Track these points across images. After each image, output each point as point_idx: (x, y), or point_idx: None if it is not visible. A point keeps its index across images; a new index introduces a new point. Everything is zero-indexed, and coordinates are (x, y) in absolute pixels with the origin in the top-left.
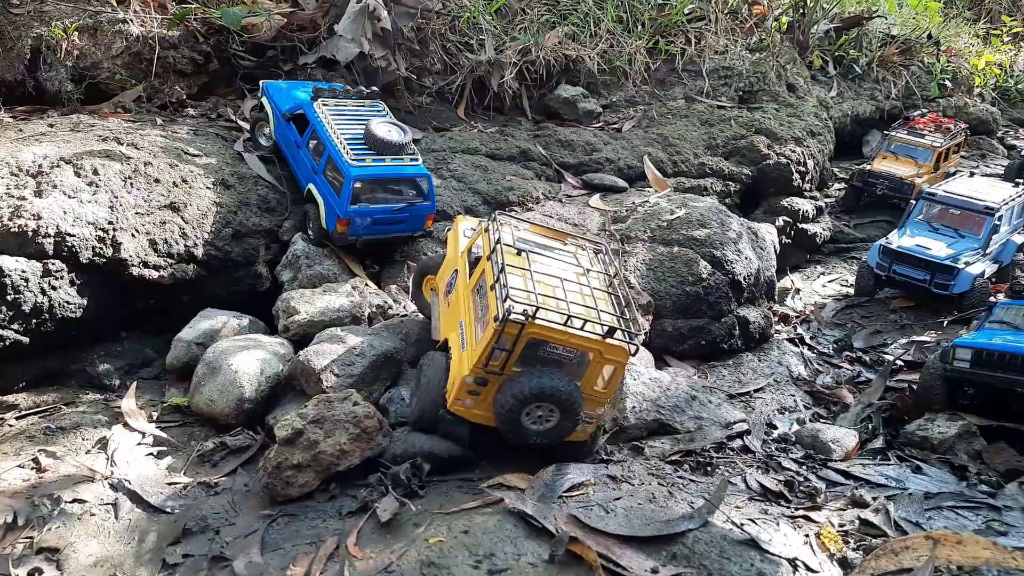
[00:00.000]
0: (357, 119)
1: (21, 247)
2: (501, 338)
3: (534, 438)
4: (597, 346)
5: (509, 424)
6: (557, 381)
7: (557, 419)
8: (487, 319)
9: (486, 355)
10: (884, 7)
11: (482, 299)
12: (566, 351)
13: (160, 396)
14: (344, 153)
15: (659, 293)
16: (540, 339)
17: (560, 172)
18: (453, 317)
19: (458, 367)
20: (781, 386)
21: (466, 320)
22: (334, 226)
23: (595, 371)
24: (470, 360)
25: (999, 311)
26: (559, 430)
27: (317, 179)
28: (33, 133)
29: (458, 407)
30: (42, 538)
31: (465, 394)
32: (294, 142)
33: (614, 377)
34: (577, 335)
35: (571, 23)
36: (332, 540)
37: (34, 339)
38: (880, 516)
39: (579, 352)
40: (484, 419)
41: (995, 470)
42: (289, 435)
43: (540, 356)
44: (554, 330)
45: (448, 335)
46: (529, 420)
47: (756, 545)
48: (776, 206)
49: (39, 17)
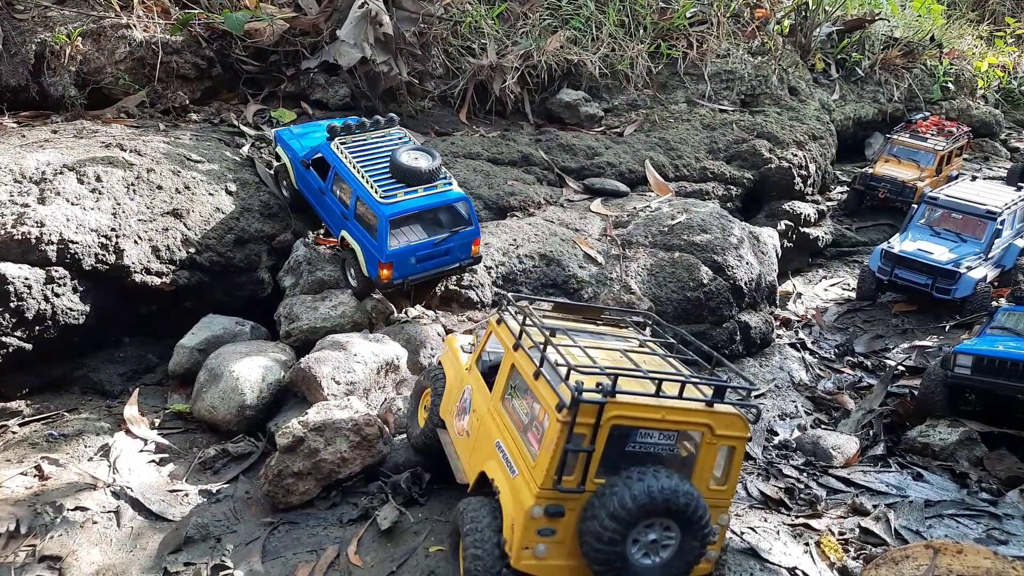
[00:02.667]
0: (379, 152)
1: (24, 254)
2: (573, 433)
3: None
4: (705, 419)
5: (611, 563)
6: (670, 480)
7: (678, 541)
8: (540, 419)
9: (556, 464)
10: (887, 9)
11: (524, 400)
12: (663, 437)
13: (162, 402)
14: (373, 192)
15: (660, 298)
16: (627, 424)
17: (561, 176)
18: (483, 444)
19: (515, 499)
20: (782, 391)
21: (506, 438)
22: (376, 272)
23: (707, 459)
24: (534, 480)
25: (1000, 317)
26: (685, 556)
27: (349, 225)
28: (36, 139)
29: (528, 559)
30: (44, 546)
31: (535, 536)
32: (318, 189)
33: (734, 464)
34: (677, 407)
35: (573, 27)
36: (333, 548)
37: (37, 346)
38: (880, 524)
39: (680, 434)
40: (570, 571)
41: (996, 477)
42: (290, 443)
43: (630, 453)
44: (645, 406)
45: (483, 467)
46: (640, 552)
47: (756, 554)
48: (778, 210)
49: (43, 23)
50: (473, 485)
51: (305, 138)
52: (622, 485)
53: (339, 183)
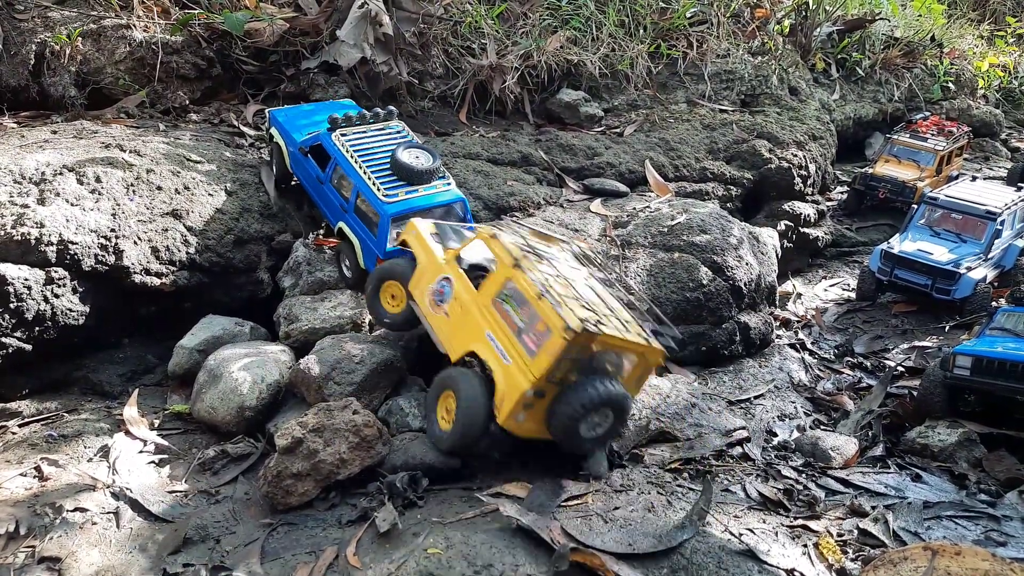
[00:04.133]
0: (380, 147)
1: (24, 255)
2: (570, 351)
3: (588, 445)
4: (643, 349)
5: (569, 434)
6: (618, 387)
7: (610, 424)
8: (538, 330)
9: (554, 366)
10: (887, 9)
11: (518, 309)
12: (615, 356)
13: (162, 403)
14: (375, 189)
15: (659, 299)
16: (604, 349)
17: (561, 177)
18: (467, 329)
19: (510, 380)
20: (781, 392)
21: (497, 332)
22: (373, 265)
23: (634, 372)
24: (532, 372)
25: (1000, 318)
26: (608, 434)
27: (348, 218)
28: (36, 140)
29: (511, 423)
30: (44, 547)
31: (521, 408)
32: (316, 177)
33: (644, 377)
34: (632, 341)
35: (573, 27)
36: (331, 550)
37: (37, 347)
38: (879, 526)
39: (622, 355)
40: (535, 432)
41: (995, 478)
42: (289, 444)
43: (592, 363)
44: (616, 339)
45: (472, 347)
46: (586, 428)
47: (754, 556)
48: (778, 210)
49: (43, 23)
50: (456, 359)
51: (300, 120)
52: (591, 386)
53: (339, 176)
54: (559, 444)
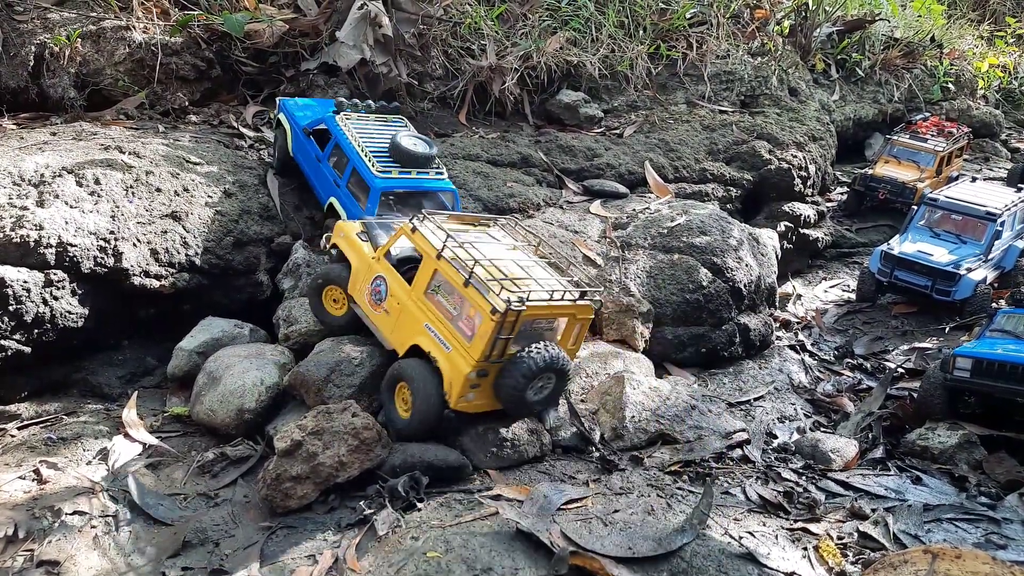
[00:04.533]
0: (381, 133)
1: (23, 257)
2: (501, 328)
3: (536, 407)
4: (571, 310)
5: (516, 401)
6: (555, 351)
7: (554, 385)
8: (469, 316)
9: (488, 347)
10: (887, 10)
11: (449, 298)
12: (547, 322)
13: (161, 405)
14: (370, 164)
15: (659, 301)
16: (532, 317)
17: (561, 178)
18: (408, 323)
19: (453, 366)
20: (781, 394)
21: (435, 323)
22: None
23: (569, 332)
24: (471, 356)
25: (1000, 319)
26: (555, 394)
27: (340, 192)
28: (36, 142)
29: (462, 404)
30: (42, 551)
31: (468, 389)
32: (315, 156)
33: (582, 332)
34: (559, 305)
35: (572, 28)
36: (330, 553)
37: (36, 349)
38: (879, 529)
39: (554, 320)
40: (488, 406)
41: (996, 480)
42: (288, 447)
43: (526, 333)
44: (543, 307)
45: (415, 341)
46: (532, 393)
47: (754, 559)
48: (777, 211)
49: (43, 24)
50: (404, 352)
51: (308, 109)
52: (529, 356)
53: (337, 153)
54: (512, 414)
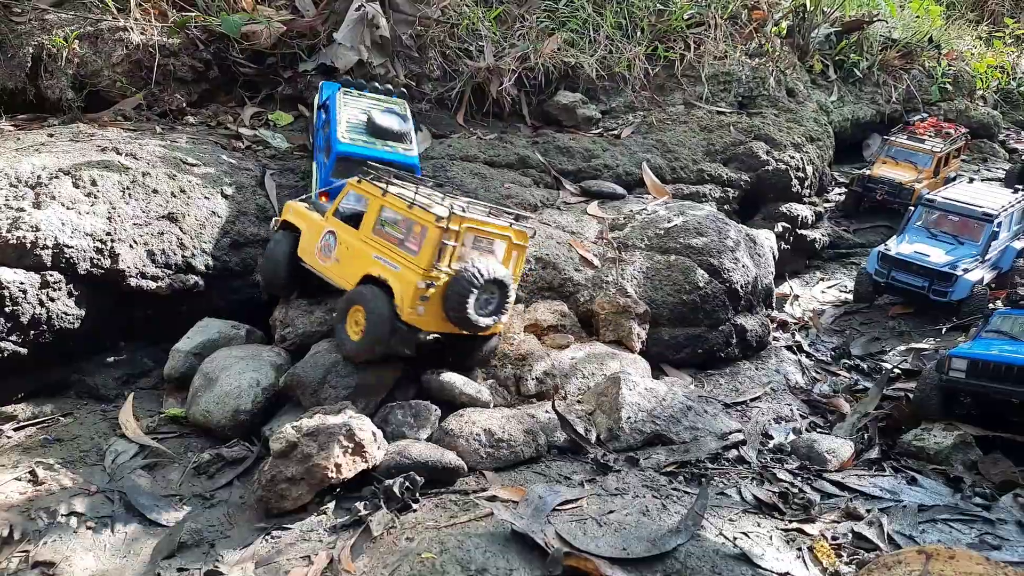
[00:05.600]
0: (368, 109)
1: (20, 259)
2: (445, 235)
3: (482, 323)
4: (508, 233)
5: (461, 312)
6: (496, 265)
7: (497, 300)
8: (416, 233)
9: (434, 254)
10: (885, 10)
11: (396, 227)
12: (487, 242)
13: (157, 407)
14: (341, 131)
15: (656, 302)
16: (474, 233)
17: (558, 179)
18: (359, 261)
19: (403, 280)
20: (778, 395)
21: (384, 251)
22: (317, 197)
23: (508, 256)
24: (419, 266)
25: (996, 320)
26: (499, 310)
27: (319, 156)
28: (32, 143)
29: (412, 316)
30: (38, 552)
31: (418, 301)
32: (319, 127)
33: (519, 262)
34: (497, 224)
35: (570, 29)
36: (325, 554)
37: (32, 350)
38: (874, 529)
39: (493, 242)
40: (437, 326)
41: (991, 481)
42: (283, 448)
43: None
44: (482, 222)
45: (366, 272)
46: (477, 306)
47: (748, 560)
48: (775, 212)
49: (40, 26)
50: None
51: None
52: (472, 267)
53: (327, 122)
54: (458, 326)
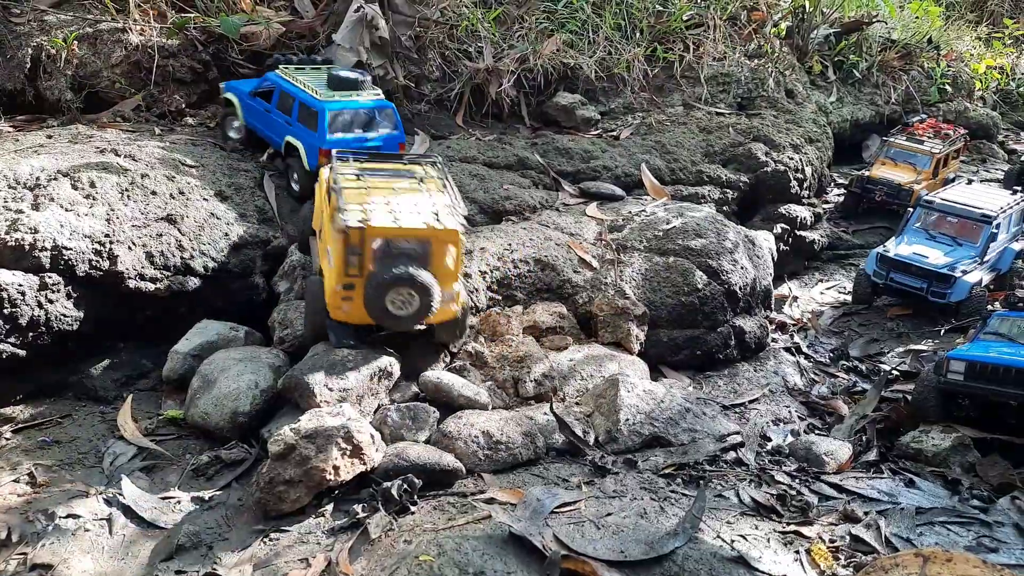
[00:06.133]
0: (318, 76)
1: (18, 261)
2: (349, 244)
3: (403, 321)
4: (430, 233)
5: (378, 311)
6: (404, 268)
7: (419, 301)
8: (335, 237)
9: (343, 262)
10: (884, 11)
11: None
12: (410, 244)
13: (156, 408)
14: (314, 93)
15: (654, 303)
16: (384, 237)
17: (557, 180)
18: (322, 247)
19: (328, 282)
20: (776, 397)
21: (331, 246)
22: (316, 161)
23: (439, 254)
24: (336, 271)
25: (994, 322)
26: (421, 311)
27: (294, 129)
28: (31, 144)
29: (338, 313)
30: (36, 554)
31: (340, 300)
32: (264, 110)
33: (457, 256)
34: (412, 229)
35: (569, 30)
36: (323, 557)
37: (31, 352)
38: (871, 532)
39: (422, 242)
40: (360, 318)
41: (989, 483)
42: (281, 450)
43: (392, 253)
44: (389, 228)
45: (322, 263)
46: (394, 307)
47: (745, 563)
48: (774, 213)
49: (39, 27)
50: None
51: (248, 84)
52: (385, 270)
53: (283, 98)
54: (382, 323)
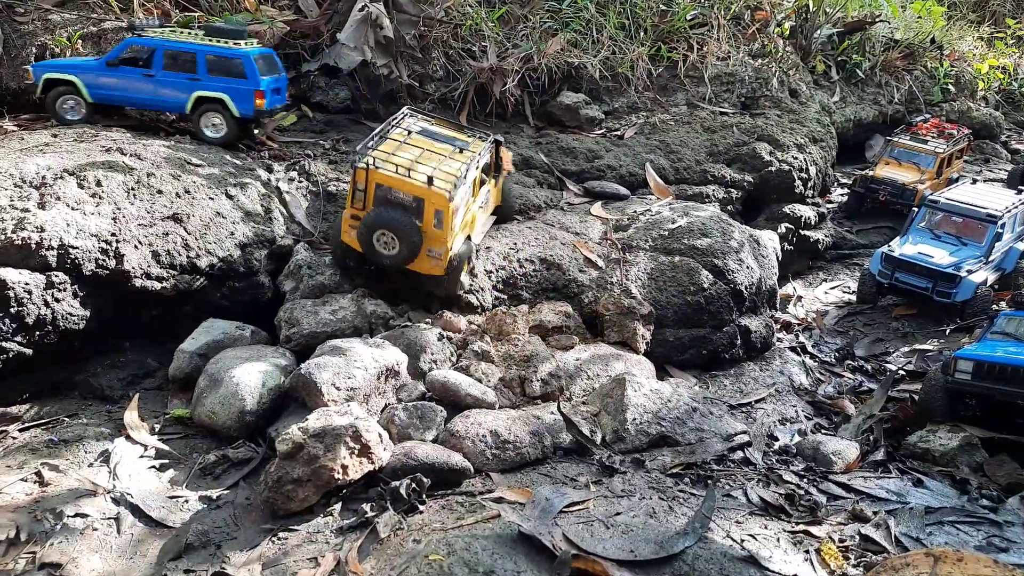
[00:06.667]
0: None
1: (25, 259)
2: (356, 181)
3: (386, 260)
4: (423, 193)
5: (365, 246)
6: (394, 214)
7: (397, 245)
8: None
9: (351, 195)
10: (887, 11)
11: None
12: (406, 196)
13: (162, 407)
14: (227, 44)
15: (660, 303)
16: (383, 184)
17: (562, 180)
18: None
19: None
20: (782, 396)
21: None
22: (252, 104)
23: (428, 212)
24: (347, 203)
25: (1001, 322)
26: (401, 255)
27: (205, 83)
28: (37, 143)
29: (346, 238)
30: (44, 553)
31: (348, 227)
32: (141, 76)
33: (444, 220)
34: (406, 181)
35: (573, 30)
36: (332, 556)
37: (37, 351)
38: (881, 531)
39: (416, 198)
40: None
41: (996, 483)
42: (290, 449)
43: (389, 200)
44: (389, 177)
45: None
46: (379, 245)
47: (756, 562)
48: (778, 213)
49: (43, 26)
50: None
51: (74, 62)
52: (376, 212)
53: (175, 56)
54: (366, 255)
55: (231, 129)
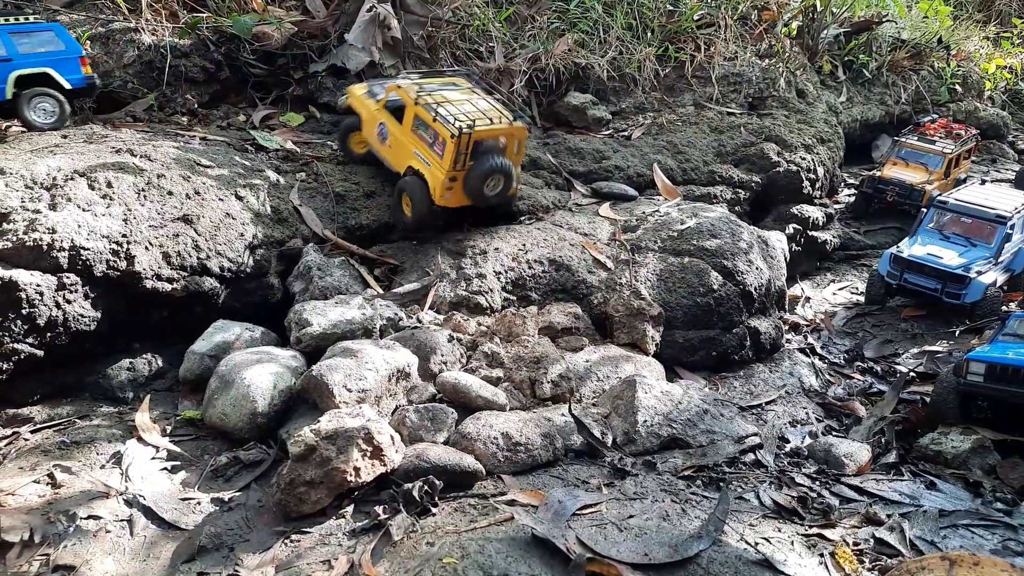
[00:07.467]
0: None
1: (36, 261)
2: (460, 147)
3: (493, 200)
4: (508, 130)
5: (477, 194)
6: (499, 160)
7: (503, 183)
8: (440, 141)
9: (453, 160)
10: (894, 11)
11: (426, 132)
12: (495, 141)
13: (173, 409)
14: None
15: (670, 304)
16: (480, 139)
17: (569, 180)
18: (403, 152)
19: (434, 176)
20: (793, 398)
21: (420, 149)
22: (79, 71)
23: (511, 146)
24: (444, 168)
25: (1013, 323)
26: (506, 189)
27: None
28: (47, 144)
29: (442, 201)
30: (58, 555)
31: (445, 191)
32: None
33: (521, 147)
34: (495, 128)
35: (580, 30)
36: (345, 559)
37: (49, 352)
38: (895, 534)
39: (499, 139)
40: (460, 202)
41: (1010, 486)
42: (302, 451)
43: (480, 149)
44: (487, 129)
45: (410, 163)
46: (488, 189)
47: (771, 566)
48: (786, 213)
49: None
50: (404, 172)
51: None
52: (482, 163)
53: None
54: (476, 203)
55: (64, 110)
